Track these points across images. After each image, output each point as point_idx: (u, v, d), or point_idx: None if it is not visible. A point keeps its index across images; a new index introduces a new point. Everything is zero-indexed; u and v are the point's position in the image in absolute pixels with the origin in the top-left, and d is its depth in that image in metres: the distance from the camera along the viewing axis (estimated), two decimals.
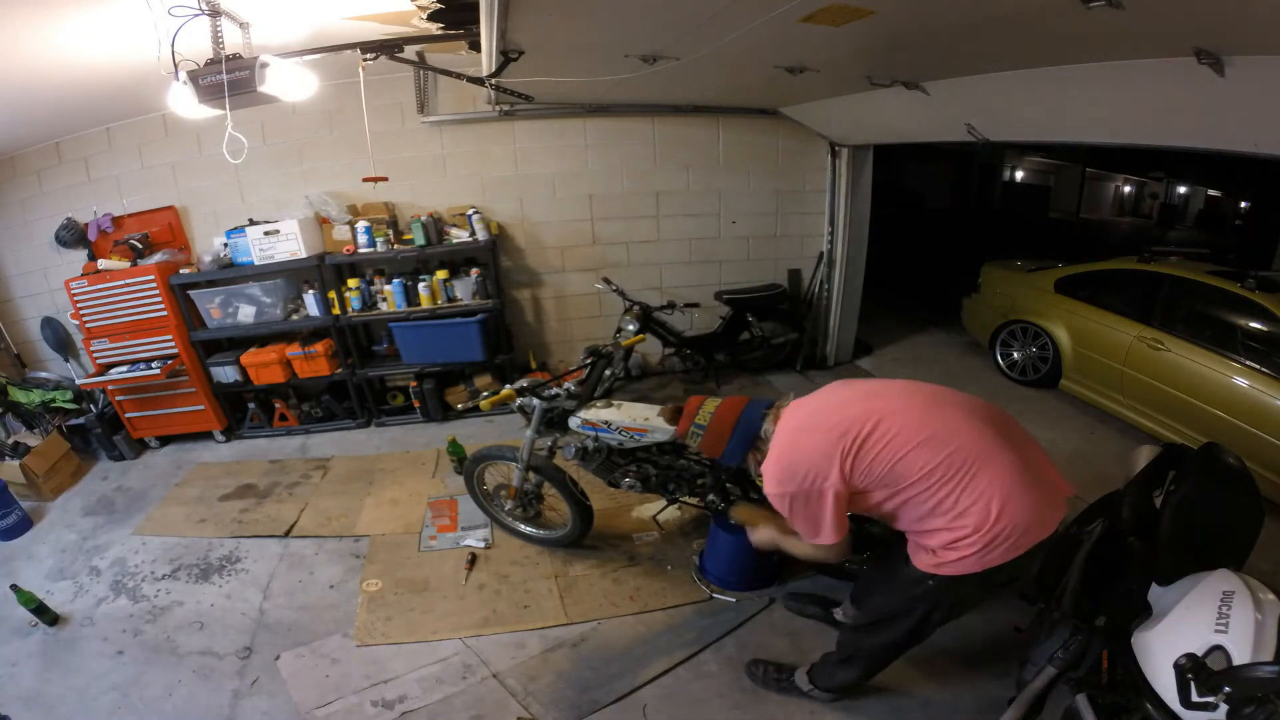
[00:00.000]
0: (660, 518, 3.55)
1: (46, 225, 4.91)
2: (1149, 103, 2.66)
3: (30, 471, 4.22)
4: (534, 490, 3.39)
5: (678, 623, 2.95)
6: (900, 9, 2.32)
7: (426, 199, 5.12)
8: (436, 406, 5.11)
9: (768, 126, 5.44)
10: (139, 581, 3.41)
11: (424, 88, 4.85)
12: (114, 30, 2.80)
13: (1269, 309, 3.77)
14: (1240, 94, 2.24)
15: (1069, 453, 4.29)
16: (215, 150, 3.46)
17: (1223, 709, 1.34)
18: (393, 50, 3.44)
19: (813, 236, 5.89)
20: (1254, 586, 1.57)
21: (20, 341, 5.33)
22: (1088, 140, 3.49)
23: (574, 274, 5.58)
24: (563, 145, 5.23)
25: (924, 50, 2.91)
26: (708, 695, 2.56)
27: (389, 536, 3.66)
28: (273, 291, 4.79)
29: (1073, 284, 5.09)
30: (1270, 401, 3.57)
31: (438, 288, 4.85)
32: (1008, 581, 1.91)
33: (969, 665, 2.61)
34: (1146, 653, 1.60)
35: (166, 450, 4.98)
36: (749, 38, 2.57)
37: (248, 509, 4.03)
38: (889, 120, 4.43)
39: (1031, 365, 5.29)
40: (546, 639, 2.88)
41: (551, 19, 2.49)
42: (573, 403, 3.02)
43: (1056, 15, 2.14)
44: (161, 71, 2.70)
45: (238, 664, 2.82)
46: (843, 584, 3.07)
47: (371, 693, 2.62)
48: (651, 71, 3.22)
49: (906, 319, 7.30)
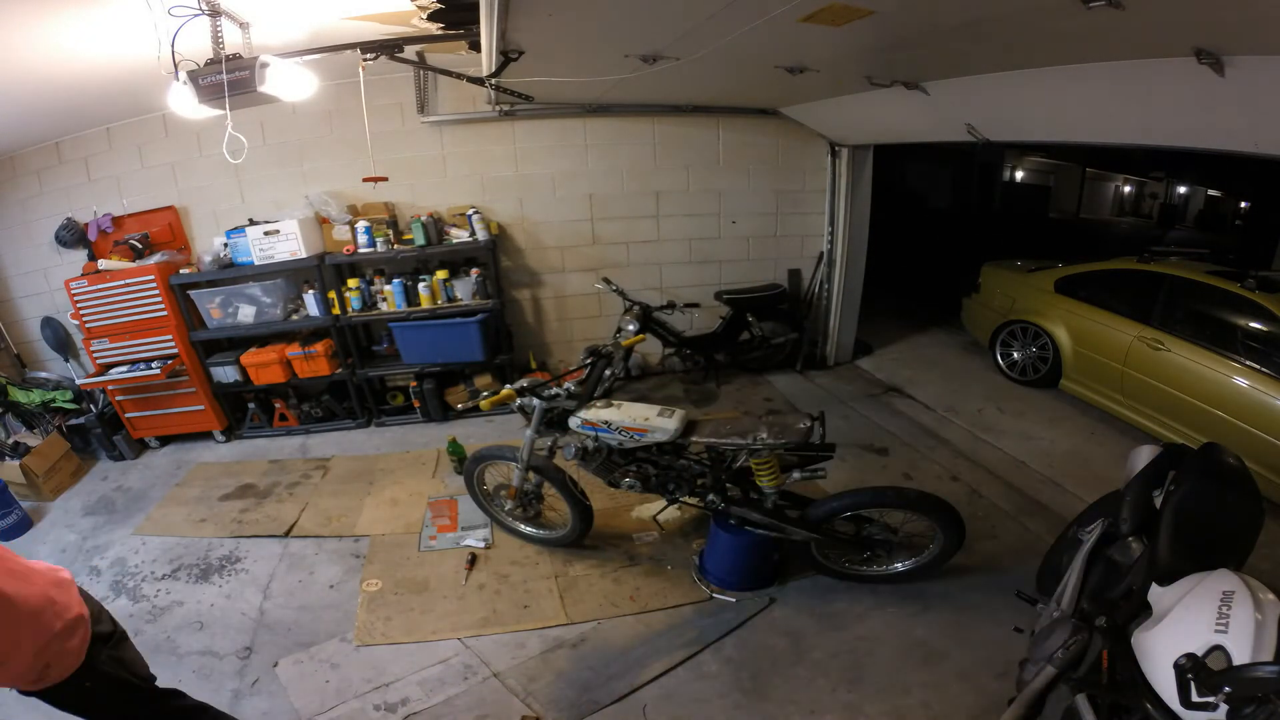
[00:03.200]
0: (660, 518, 3.55)
1: (46, 225, 4.91)
2: (1149, 103, 2.66)
3: (30, 471, 4.22)
4: (534, 490, 3.39)
5: (678, 623, 2.95)
6: (900, 9, 2.32)
7: (426, 199, 5.12)
8: (436, 406, 5.11)
9: (768, 126, 5.44)
10: (139, 581, 3.41)
11: (424, 88, 4.85)
12: (114, 30, 2.80)
13: (1269, 309, 3.77)
14: (1240, 94, 2.24)
15: (1069, 453, 4.29)
16: (215, 150, 3.47)
17: (1223, 709, 1.33)
18: (393, 50, 3.44)
19: (813, 236, 5.90)
20: (1254, 586, 1.56)
21: (20, 341, 5.33)
22: (1088, 140, 3.49)
23: (574, 274, 5.58)
24: (563, 145, 5.23)
25: (924, 50, 2.92)
26: (708, 695, 2.56)
27: (389, 536, 3.66)
28: (273, 291, 4.79)
29: (1073, 284, 5.09)
30: (1270, 401, 3.57)
31: (438, 288, 4.85)
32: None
33: (969, 665, 2.61)
34: (1146, 653, 1.59)
35: (166, 450, 4.98)
36: (749, 38, 2.57)
37: (248, 509, 4.03)
38: (889, 120, 4.43)
39: (1031, 365, 5.30)
40: (546, 639, 2.88)
41: (551, 19, 2.49)
42: (573, 403, 3.03)
43: (1057, 15, 2.14)
44: (161, 71, 2.71)
45: (238, 664, 2.82)
46: (840, 583, 3.08)
47: (373, 696, 2.62)
48: (651, 71, 3.22)
49: (906, 319, 7.31)
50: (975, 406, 5.04)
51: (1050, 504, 3.70)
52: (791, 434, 2.69)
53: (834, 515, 2.89)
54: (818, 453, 2.82)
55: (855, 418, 4.98)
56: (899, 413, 5.03)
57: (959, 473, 4.10)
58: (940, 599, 2.96)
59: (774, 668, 2.67)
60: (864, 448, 4.46)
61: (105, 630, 1.76)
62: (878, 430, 4.73)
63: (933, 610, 2.91)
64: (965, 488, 3.92)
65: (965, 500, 3.73)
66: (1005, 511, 3.66)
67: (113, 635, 1.79)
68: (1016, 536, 3.43)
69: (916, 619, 2.87)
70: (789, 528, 2.88)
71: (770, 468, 2.81)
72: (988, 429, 4.66)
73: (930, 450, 4.41)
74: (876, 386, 5.62)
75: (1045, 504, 3.71)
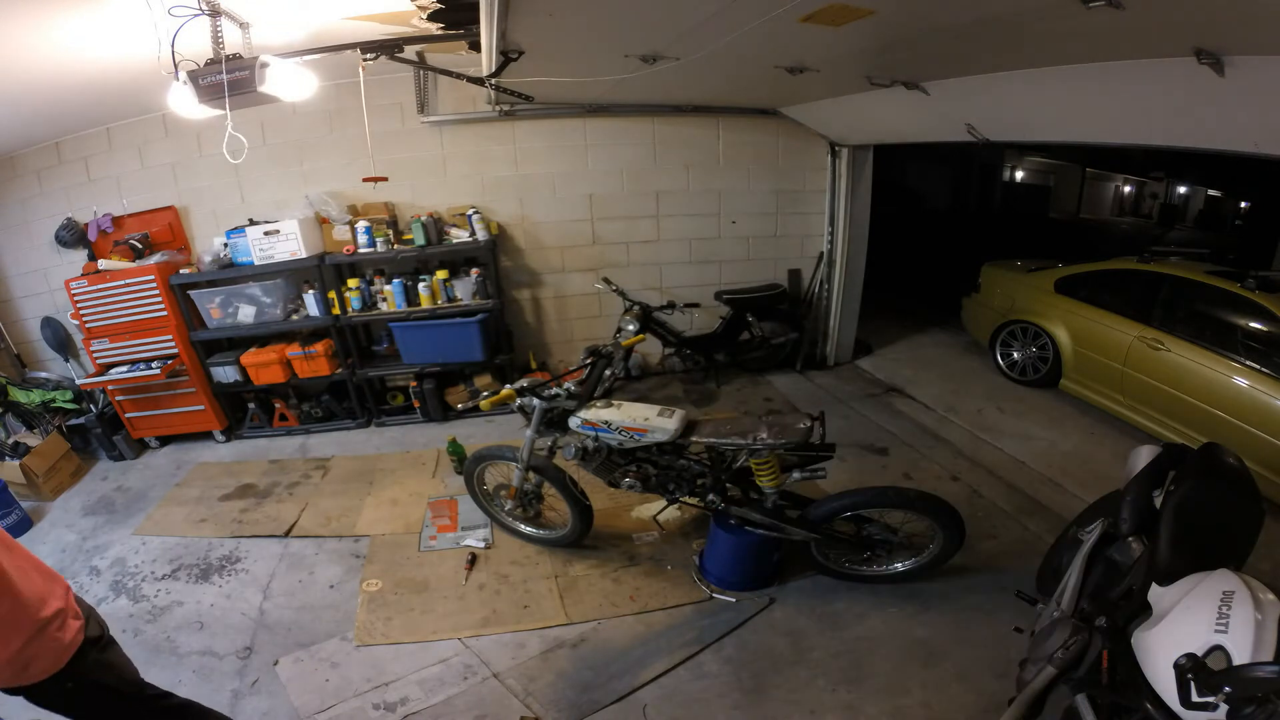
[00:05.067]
0: (660, 518, 3.55)
1: (46, 225, 4.91)
2: (1149, 103, 2.66)
3: (30, 471, 4.22)
4: (534, 490, 3.39)
5: (678, 623, 2.95)
6: (900, 9, 2.32)
7: (426, 199, 5.12)
8: (436, 406, 5.11)
9: (768, 126, 5.44)
10: (139, 581, 3.41)
11: (424, 88, 4.85)
12: (114, 30, 2.80)
13: (1269, 309, 3.77)
14: (1240, 94, 2.24)
15: (1069, 453, 4.29)
16: (215, 150, 3.47)
17: (1223, 709, 1.33)
18: (393, 50, 3.44)
19: (813, 236, 5.90)
20: (1254, 586, 1.56)
21: (20, 341, 5.32)
22: (1088, 140, 3.49)
23: (574, 274, 5.57)
24: (563, 145, 5.23)
25: (924, 50, 2.91)
26: (708, 695, 2.56)
27: (389, 536, 3.66)
28: (273, 291, 4.79)
29: (1073, 284, 5.09)
30: (1270, 401, 3.57)
31: (438, 288, 4.85)
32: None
33: (969, 665, 2.61)
34: (1146, 653, 1.59)
35: (166, 450, 4.98)
36: (749, 38, 2.57)
37: (248, 509, 4.03)
38: (889, 120, 4.43)
39: (1031, 365, 5.30)
40: (546, 639, 2.88)
41: (551, 19, 2.49)
42: (573, 403, 3.02)
43: (1057, 15, 2.14)
44: (161, 71, 2.70)
45: (238, 664, 2.82)
46: (840, 583, 3.08)
47: (373, 695, 2.62)
48: (651, 71, 3.22)
49: (907, 319, 7.31)
50: (975, 406, 5.04)
51: (1050, 504, 3.70)
52: (791, 434, 2.69)
53: (834, 515, 2.89)
54: (818, 453, 2.82)
55: (855, 418, 4.98)
56: (899, 413, 5.03)
57: (959, 473, 4.10)
58: (940, 599, 2.96)
59: (774, 668, 2.67)
60: (864, 448, 4.46)
61: (94, 634, 1.76)
62: (878, 430, 4.73)
63: (933, 610, 2.91)
64: (965, 488, 3.92)
65: (965, 500, 3.73)
66: (1005, 511, 3.66)
67: (100, 639, 1.78)
68: (1016, 536, 3.43)
69: (916, 619, 2.87)
70: (789, 528, 2.88)
71: (770, 468, 2.81)
72: (988, 429, 4.66)
73: (930, 450, 4.41)
74: (876, 386, 5.62)
75: (1045, 504, 3.71)
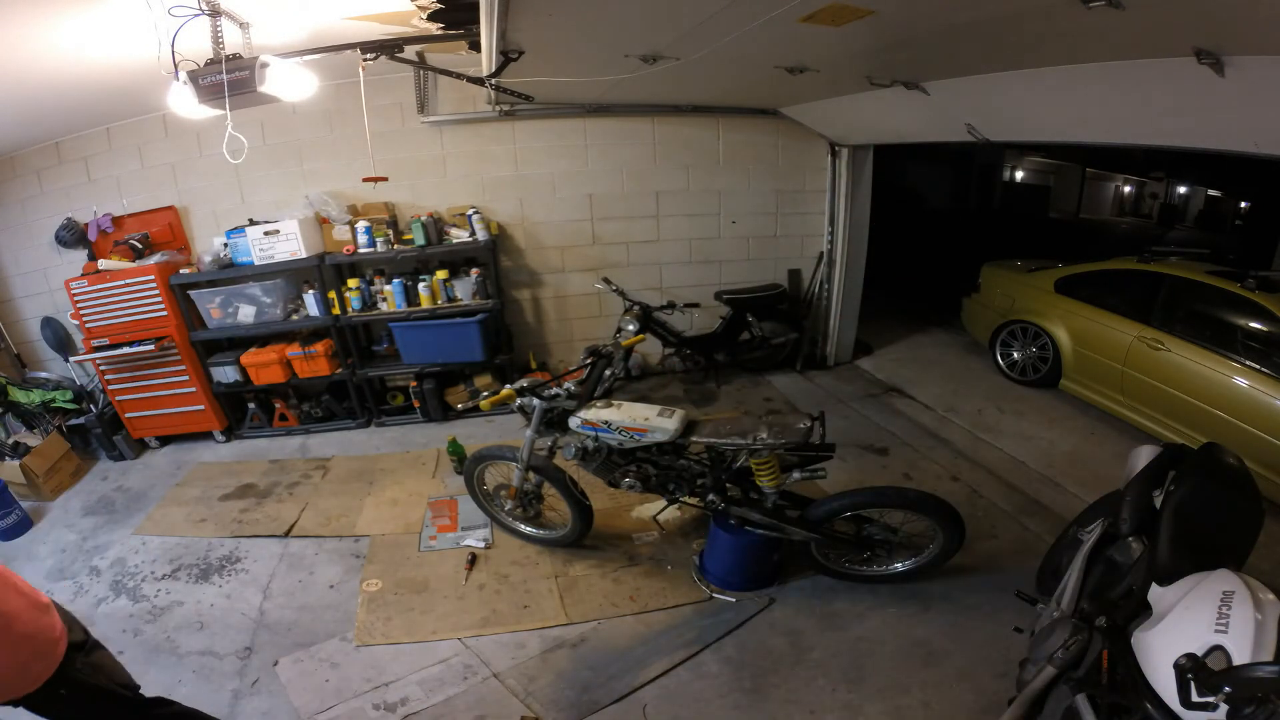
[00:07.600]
0: (660, 518, 3.55)
1: (46, 225, 4.91)
2: (1149, 103, 2.66)
3: (30, 471, 4.22)
4: (534, 490, 3.39)
5: (678, 623, 2.95)
6: (900, 9, 2.32)
7: (426, 199, 5.11)
8: (436, 406, 5.11)
9: (768, 126, 5.44)
10: (139, 581, 3.41)
11: (424, 88, 4.85)
12: (114, 30, 2.80)
13: (1269, 309, 3.77)
14: (1240, 94, 2.24)
15: (1069, 453, 4.29)
16: (215, 150, 3.46)
17: (1223, 709, 1.33)
18: (393, 50, 3.44)
19: (813, 236, 5.90)
20: (1254, 586, 1.56)
21: (20, 341, 5.32)
22: (1088, 140, 3.49)
23: (574, 274, 5.57)
24: (563, 145, 5.23)
25: (924, 50, 2.92)
26: (708, 695, 2.56)
27: (389, 536, 3.66)
28: (273, 291, 4.79)
29: (1073, 284, 5.09)
30: (1270, 401, 3.57)
31: (438, 288, 4.85)
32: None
33: (969, 665, 2.61)
34: (1146, 653, 1.59)
35: (166, 450, 4.98)
36: (749, 38, 2.57)
37: (248, 509, 4.03)
38: (889, 120, 4.43)
39: (1031, 365, 5.29)
40: (546, 639, 2.88)
41: (551, 19, 2.49)
42: (573, 403, 3.02)
43: (1057, 15, 2.15)
44: (161, 71, 2.71)
45: (238, 664, 2.82)
46: (840, 583, 3.08)
47: (373, 695, 2.62)
48: (651, 71, 3.22)
49: (907, 319, 7.31)
50: (975, 406, 5.04)
51: (1050, 504, 3.70)
52: (791, 434, 2.69)
53: (834, 515, 2.89)
54: (818, 453, 2.82)
55: (855, 418, 4.98)
56: (899, 413, 5.03)
57: (959, 473, 4.10)
58: (940, 599, 2.96)
59: (774, 668, 2.67)
60: (864, 448, 4.46)
61: (78, 639, 1.76)
62: (878, 430, 4.73)
63: (933, 610, 2.91)
64: (965, 488, 3.92)
65: (965, 500, 3.73)
66: (1005, 511, 3.66)
67: (85, 644, 1.78)
68: (1016, 536, 3.43)
69: (916, 619, 2.87)
70: (789, 528, 2.88)
71: (770, 468, 2.81)
72: (988, 429, 4.66)
73: (930, 450, 4.41)
74: (876, 386, 5.62)
75: (1045, 504, 3.71)
